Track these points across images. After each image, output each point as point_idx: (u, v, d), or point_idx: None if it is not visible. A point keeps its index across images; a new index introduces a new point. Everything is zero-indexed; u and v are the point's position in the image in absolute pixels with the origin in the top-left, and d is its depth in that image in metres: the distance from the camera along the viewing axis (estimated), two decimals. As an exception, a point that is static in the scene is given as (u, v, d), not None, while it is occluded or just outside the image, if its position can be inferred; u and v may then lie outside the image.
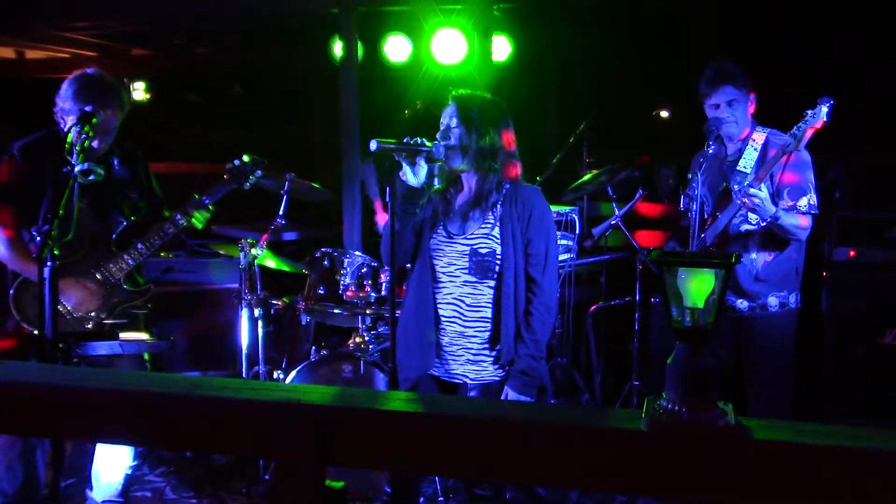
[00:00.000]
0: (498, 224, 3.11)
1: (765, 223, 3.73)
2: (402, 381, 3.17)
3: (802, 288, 3.99)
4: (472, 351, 3.15)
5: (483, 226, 3.13)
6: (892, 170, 5.62)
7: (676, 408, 1.51)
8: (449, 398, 2.97)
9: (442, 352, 3.17)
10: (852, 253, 4.70)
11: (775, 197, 3.79)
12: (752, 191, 3.58)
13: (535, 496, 4.18)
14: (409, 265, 3.33)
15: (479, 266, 3.09)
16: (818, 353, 4.68)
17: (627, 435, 1.51)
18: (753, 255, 3.85)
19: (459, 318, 3.14)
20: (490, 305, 3.12)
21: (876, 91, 5.78)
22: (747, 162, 3.83)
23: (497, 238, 3.10)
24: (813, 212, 3.79)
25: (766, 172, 3.68)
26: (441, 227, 3.19)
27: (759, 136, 3.87)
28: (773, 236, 3.80)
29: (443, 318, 3.16)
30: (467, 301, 3.12)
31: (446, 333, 3.16)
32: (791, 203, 3.75)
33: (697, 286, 1.53)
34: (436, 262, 3.17)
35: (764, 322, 3.88)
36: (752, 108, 3.91)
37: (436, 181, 3.24)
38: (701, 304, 1.54)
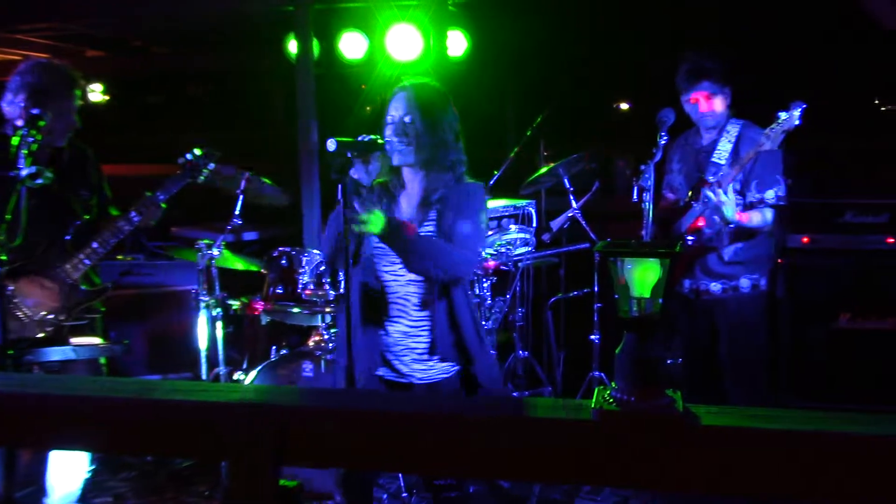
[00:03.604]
0: (436, 220, 3.01)
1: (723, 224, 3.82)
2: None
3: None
4: (418, 351, 3.06)
5: (426, 223, 3.03)
6: (842, 156, 5.71)
7: (625, 397, 1.53)
8: (400, 395, 2.92)
9: (388, 352, 3.09)
10: (805, 239, 4.76)
11: (744, 187, 3.85)
12: (720, 194, 3.66)
13: (498, 489, 4.19)
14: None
15: None
16: (774, 338, 4.74)
17: (577, 425, 1.52)
18: (725, 242, 3.92)
19: (405, 318, 3.05)
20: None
21: (824, 79, 5.86)
22: (721, 153, 3.91)
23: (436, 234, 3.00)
24: (780, 203, 3.87)
25: (740, 169, 3.75)
26: None
27: (733, 129, 3.94)
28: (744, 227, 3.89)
29: (388, 319, 3.07)
30: (413, 301, 3.04)
31: (390, 334, 3.07)
32: (759, 196, 3.84)
33: (643, 276, 1.54)
34: (378, 261, 3.06)
35: (736, 303, 3.97)
36: (727, 101, 3.95)
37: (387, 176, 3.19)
38: (647, 294, 1.55)
